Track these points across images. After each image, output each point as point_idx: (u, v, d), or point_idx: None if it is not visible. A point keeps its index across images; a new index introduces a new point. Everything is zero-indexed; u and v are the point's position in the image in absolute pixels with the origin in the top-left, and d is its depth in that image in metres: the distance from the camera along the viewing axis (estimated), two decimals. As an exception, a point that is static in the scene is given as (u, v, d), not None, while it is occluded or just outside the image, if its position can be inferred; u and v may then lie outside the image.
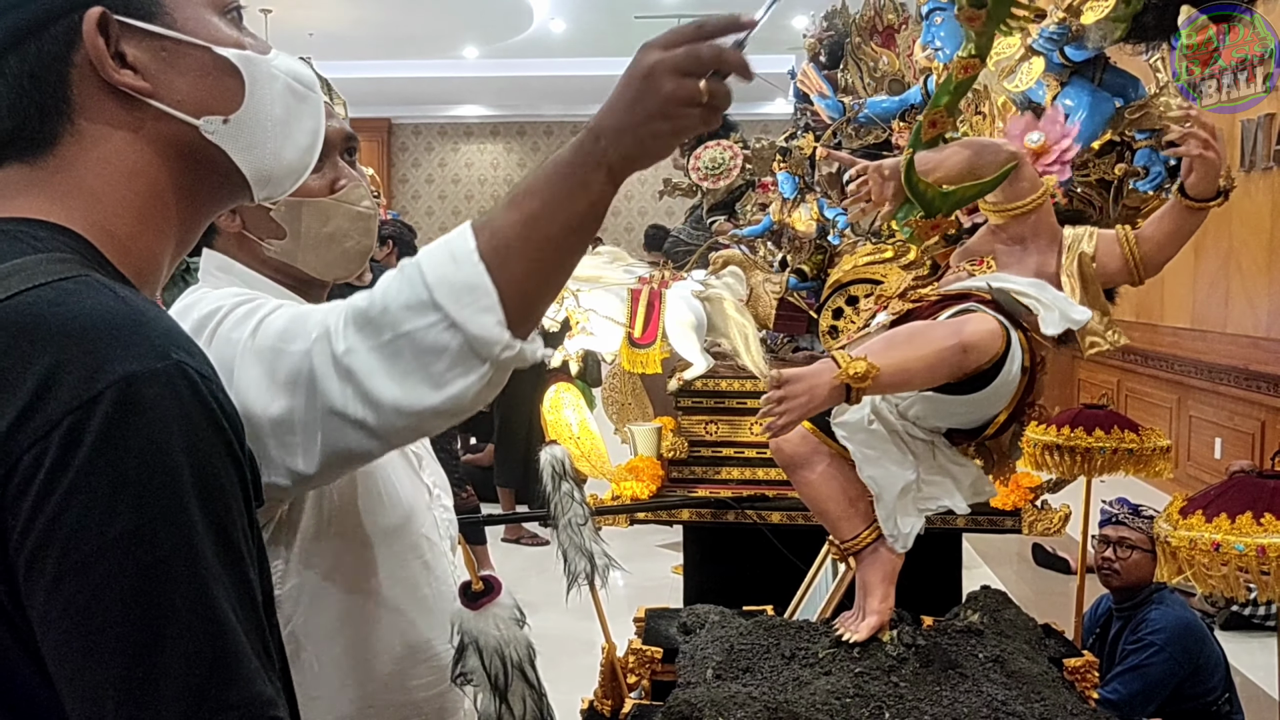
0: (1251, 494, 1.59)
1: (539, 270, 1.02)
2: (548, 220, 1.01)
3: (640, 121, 0.99)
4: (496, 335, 1.00)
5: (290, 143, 0.99)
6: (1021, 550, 6.27)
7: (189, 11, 0.90)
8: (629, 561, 2.10)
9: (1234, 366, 6.94)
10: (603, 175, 1.01)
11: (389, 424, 1.03)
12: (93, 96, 0.86)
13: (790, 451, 1.77)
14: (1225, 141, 6.50)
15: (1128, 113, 2.36)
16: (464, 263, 1.00)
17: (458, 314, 0.99)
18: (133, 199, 0.88)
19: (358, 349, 1.02)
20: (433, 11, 11.61)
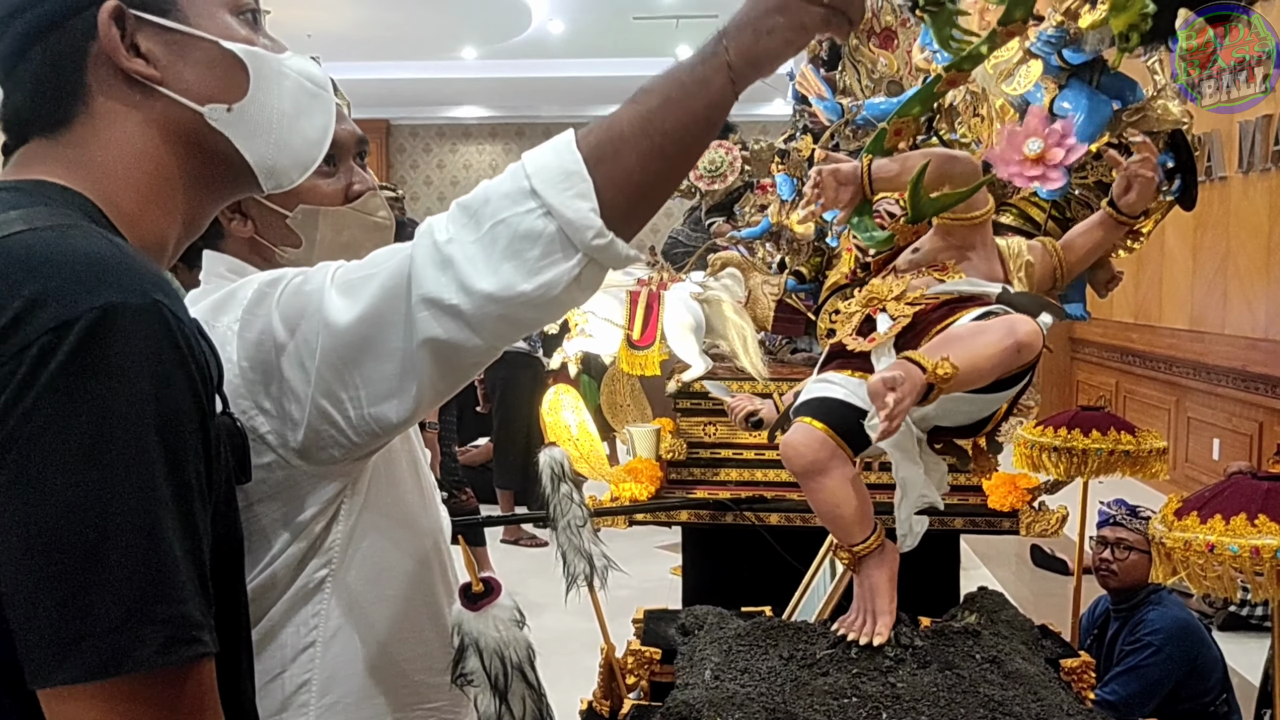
0: (1246, 495, 1.59)
1: (648, 164, 1.03)
2: (663, 115, 1.02)
3: (760, 14, 1.02)
4: (589, 221, 1.00)
5: (297, 135, 1.03)
6: (1020, 551, 6.28)
7: (201, 9, 0.97)
8: (627, 563, 2.10)
9: (1232, 368, 6.95)
10: (724, 75, 1.02)
11: (481, 310, 1.03)
12: (106, 82, 0.93)
13: (812, 457, 1.76)
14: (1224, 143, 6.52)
15: (1126, 115, 2.36)
16: (562, 152, 1.03)
17: (553, 199, 1.00)
18: (140, 177, 0.94)
19: (459, 239, 1.03)
20: (431, 12, 11.62)
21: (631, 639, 2.11)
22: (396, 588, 1.35)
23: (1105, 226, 2.08)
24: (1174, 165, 2.43)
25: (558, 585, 1.84)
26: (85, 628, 0.74)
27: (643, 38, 12.61)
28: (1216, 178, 6.94)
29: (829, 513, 1.79)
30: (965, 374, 1.65)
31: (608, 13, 11.80)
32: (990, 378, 1.72)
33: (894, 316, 1.88)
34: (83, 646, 0.74)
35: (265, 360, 1.12)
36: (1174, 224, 6.17)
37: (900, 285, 1.94)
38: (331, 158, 1.36)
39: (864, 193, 1.85)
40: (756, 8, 1.02)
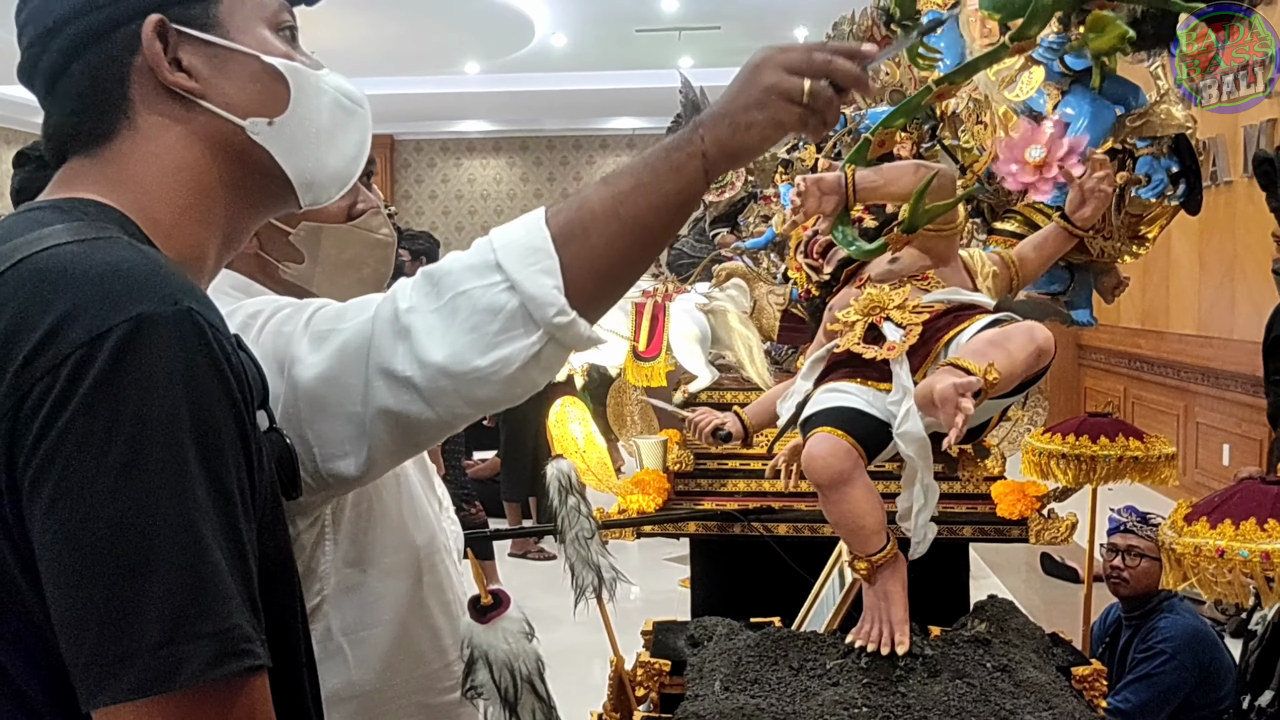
0: (1256, 500, 1.59)
1: (616, 246, 1.02)
2: (634, 199, 1.02)
3: (739, 108, 1.03)
4: (552, 298, 0.99)
5: (334, 151, 1.04)
6: (1030, 560, 6.26)
7: (242, 24, 0.98)
8: (636, 575, 2.10)
9: (1240, 373, 6.93)
10: (697, 162, 1.03)
11: (434, 384, 1.02)
12: (149, 96, 0.94)
13: (839, 468, 1.76)
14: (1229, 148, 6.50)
15: (1129, 121, 2.37)
16: (531, 228, 1.02)
17: (517, 273, 1.00)
18: (179, 190, 0.94)
19: (420, 307, 1.03)
20: (434, 28, 11.66)
21: (641, 651, 2.10)
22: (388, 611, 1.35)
23: (1058, 239, 2.10)
24: (1178, 170, 2.43)
25: (566, 598, 1.83)
26: (130, 645, 0.74)
27: (645, 50, 12.65)
28: (1222, 182, 6.93)
29: (851, 523, 1.78)
30: (1004, 379, 1.65)
31: (610, 25, 11.83)
32: (1018, 381, 1.73)
33: (901, 325, 1.88)
34: (128, 665, 0.73)
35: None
36: (1180, 229, 6.16)
37: (901, 294, 1.94)
38: None
39: (848, 202, 1.87)
40: (735, 101, 1.03)
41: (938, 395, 1.59)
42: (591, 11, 11.33)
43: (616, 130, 16.72)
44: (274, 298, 1.26)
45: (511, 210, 16.13)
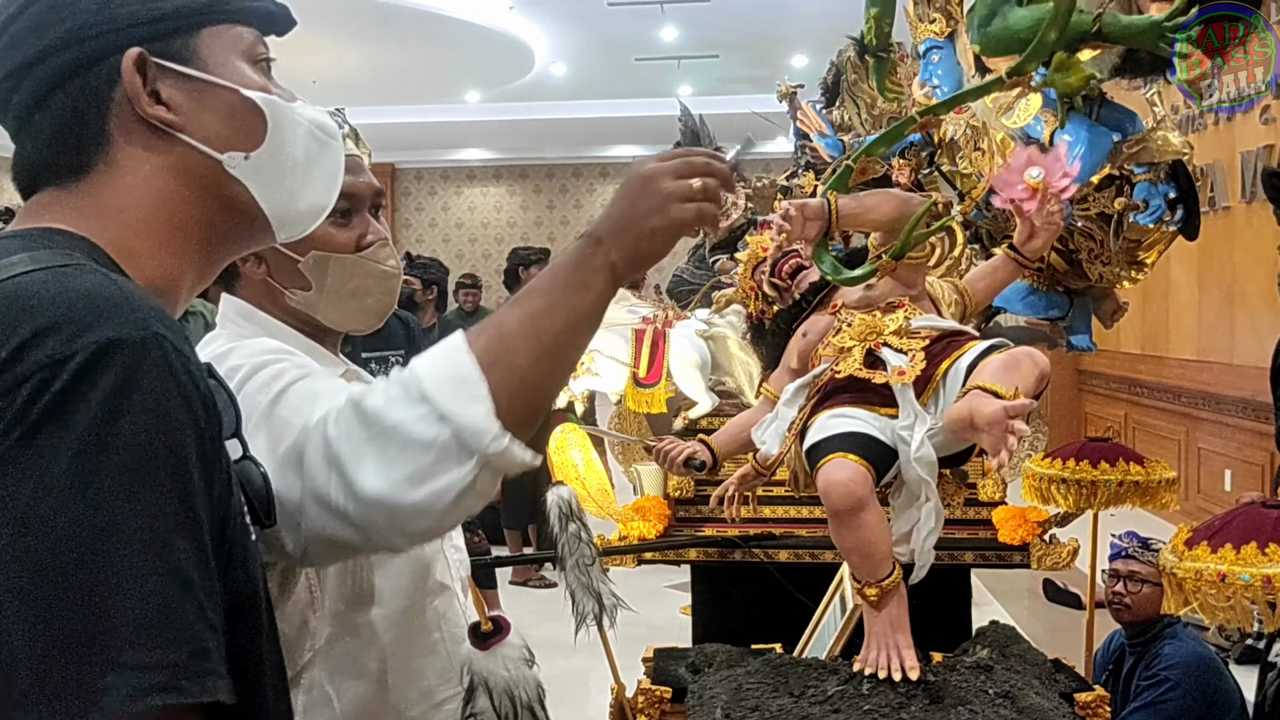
0: (1256, 524, 1.58)
1: (539, 364, 1.03)
2: (550, 316, 1.03)
3: (640, 218, 1.06)
4: (486, 425, 0.99)
5: (309, 184, 1.04)
6: (1033, 586, 6.23)
7: (220, 57, 0.98)
8: (637, 602, 2.10)
9: (1241, 398, 6.93)
10: (605, 275, 1.05)
11: (368, 517, 1.02)
12: (127, 129, 0.94)
13: (859, 494, 1.76)
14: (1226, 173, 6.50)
15: (1126, 147, 2.38)
16: (454, 357, 1.01)
17: (446, 404, 0.98)
18: (155, 222, 0.94)
19: (348, 438, 1.02)
20: (434, 57, 11.74)
21: (642, 678, 2.09)
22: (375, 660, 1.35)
23: (1007, 269, 2.13)
24: (1176, 195, 2.44)
25: (568, 625, 1.83)
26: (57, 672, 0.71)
27: (645, 79, 12.73)
28: (1220, 207, 6.95)
29: (865, 549, 1.78)
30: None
31: (610, 55, 11.92)
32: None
33: (902, 350, 1.89)
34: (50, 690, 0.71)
35: None
36: (1178, 254, 6.18)
37: (896, 320, 1.95)
38: (347, 210, 1.40)
39: (831, 228, 1.90)
40: (633, 212, 1.06)
41: (985, 419, 1.59)
42: (591, 41, 11.42)
43: (616, 158, 16.80)
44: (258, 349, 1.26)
45: (512, 238, 16.18)
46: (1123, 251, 2.50)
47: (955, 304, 2.09)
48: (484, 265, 16.38)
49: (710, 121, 5.48)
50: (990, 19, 2.10)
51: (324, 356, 1.41)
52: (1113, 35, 1.91)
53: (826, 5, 9.48)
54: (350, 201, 1.39)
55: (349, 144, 1.43)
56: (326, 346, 1.43)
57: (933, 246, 2.06)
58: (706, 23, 10.66)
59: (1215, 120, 7.02)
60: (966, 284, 2.14)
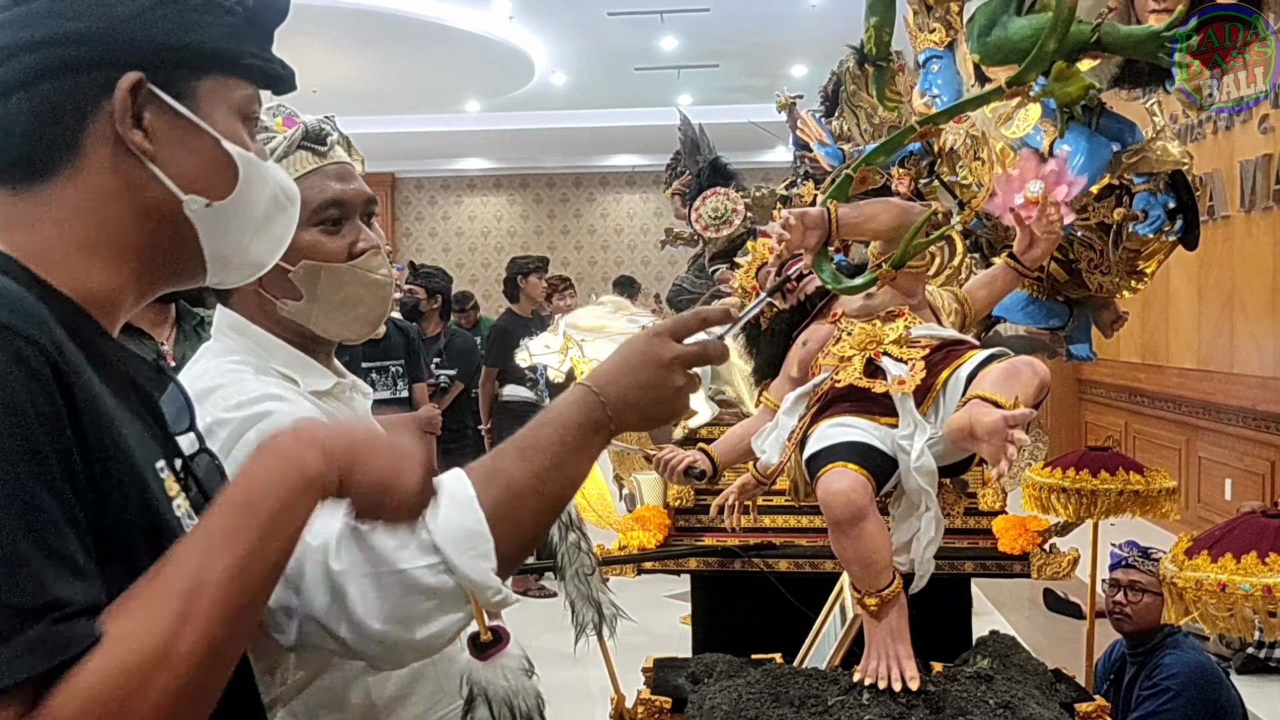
0: (1256, 533, 1.58)
1: (538, 520, 1.10)
2: (554, 476, 1.09)
3: (649, 403, 1.13)
4: (490, 580, 1.06)
5: (259, 242, 1.05)
6: (1033, 596, 6.22)
7: (215, 105, 0.98)
8: (636, 612, 2.09)
9: (1241, 407, 6.93)
10: (604, 438, 1.12)
11: (366, 648, 1.07)
12: (99, 144, 0.93)
13: (860, 503, 1.76)
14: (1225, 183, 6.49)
15: (1125, 157, 2.38)
16: (466, 510, 1.06)
17: (456, 557, 1.04)
18: (100, 239, 0.94)
19: (352, 572, 1.06)
20: (435, 67, 11.76)
21: (641, 688, 2.09)
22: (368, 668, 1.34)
23: (1006, 279, 2.14)
24: (1175, 205, 2.45)
25: (567, 635, 1.83)
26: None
27: (644, 88, 12.75)
28: (1219, 217, 6.96)
29: (866, 558, 1.78)
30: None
31: (609, 64, 11.94)
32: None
33: (902, 360, 1.89)
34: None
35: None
36: (1178, 263, 6.19)
37: (895, 329, 1.96)
38: (339, 218, 1.39)
39: (831, 237, 1.91)
40: (643, 397, 1.12)
41: (985, 428, 1.59)
42: (591, 50, 11.44)
43: (616, 167, 16.82)
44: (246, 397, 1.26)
45: (512, 247, 16.19)
46: (1122, 261, 2.50)
47: (955, 313, 2.09)
48: (484, 274, 16.39)
49: (710, 131, 5.48)
50: (989, 29, 2.10)
51: (314, 369, 1.40)
52: (1112, 45, 1.91)
53: (825, 15, 9.51)
54: (341, 209, 1.39)
55: (339, 151, 1.43)
56: (319, 357, 1.42)
57: (932, 255, 2.07)
58: (706, 33, 10.68)
59: (1214, 130, 7.04)
60: (966, 293, 2.14)
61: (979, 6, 2.08)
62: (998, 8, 1.98)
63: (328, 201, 1.37)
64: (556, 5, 9.87)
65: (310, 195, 1.35)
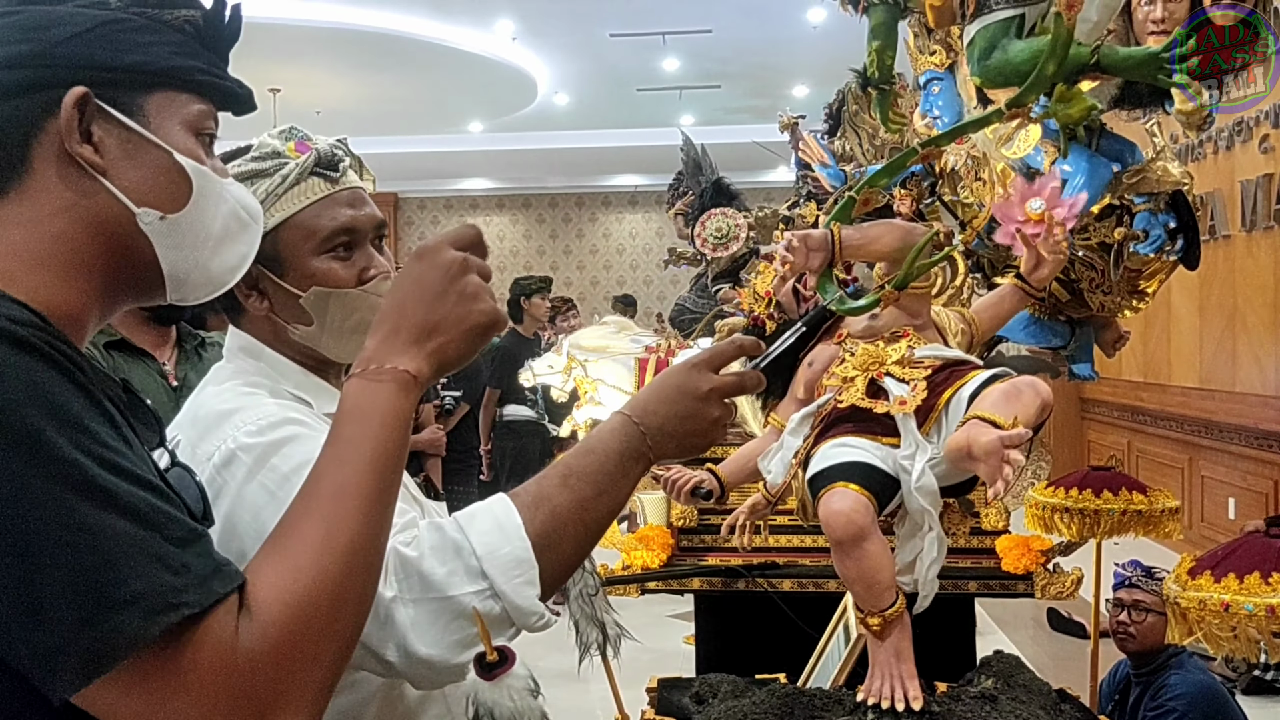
0: (1259, 553, 1.58)
1: (580, 548, 1.13)
2: (596, 505, 1.13)
3: (687, 434, 1.17)
4: (536, 607, 1.10)
5: (218, 258, 1.04)
6: (1037, 615, 6.21)
7: (165, 120, 0.98)
8: (640, 632, 2.09)
9: (1244, 426, 6.92)
10: (644, 466, 1.16)
11: (412, 671, 1.11)
12: (48, 162, 0.94)
13: (861, 523, 1.76)
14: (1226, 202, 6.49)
15: (1126, 177, 2.39)
16: (513, 538, 1.10)
17: (503, 585, 1.08)
18: (56, 256, 0.94)
19: (403, 599, 1.09)
20: (438, 88, 11.82)
21: (646, 708, 2.09)
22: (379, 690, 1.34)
23: (1014, 299, 2.15)
24: (1176, 225, 2.46)
25: (572, 655, 1.83)
26: (54, 636, 0.75)
27: (647, 109, 12.80)
28: (1220, 236, 6.97)
29: (869, 579, 1.78)
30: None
31: (612, 85, 11.99)
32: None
33: (904, 380, 1.90)
34: (62, 655, 0.75)
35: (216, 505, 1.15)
36: (1180, 283, 6.19)
37: (899, 350, 1.96)
38: (349, 244, 1.39)
39: (835, 259, 1.92)
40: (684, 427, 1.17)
41: (981, 448, 1.59)
42: (593, 71, 11.49)
43: (619, 187, 16.87)
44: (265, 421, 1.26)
45: (515, 267, 16.22)
46: (1124, 281, 2.51)
47: (962, 333, 2.10)
48: (486, 294, 16.40)
49: (712, 151, 5.51)
50: (990, 51, 2.12)
51: (326, 391, 1.40)
52: (1111, 67, 1.93)
53: (826, 37, 9.55)
54: (352, 235, 1.38)
55: (351, 175, 1.43)
56: (330, 380, 1.43)
57: (936, 276, 2.07)
58: (708, 54, 10.74)
59: (1215, 150, 7.06)
60: (973, 314, 2.14)
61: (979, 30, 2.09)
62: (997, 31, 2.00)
63: (340, 229, 1.37)
64: (559, 27, 9.92)
65: (322, 223, 1.35)
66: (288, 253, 1.35)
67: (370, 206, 1.43)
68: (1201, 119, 2.14)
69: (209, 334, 2.82)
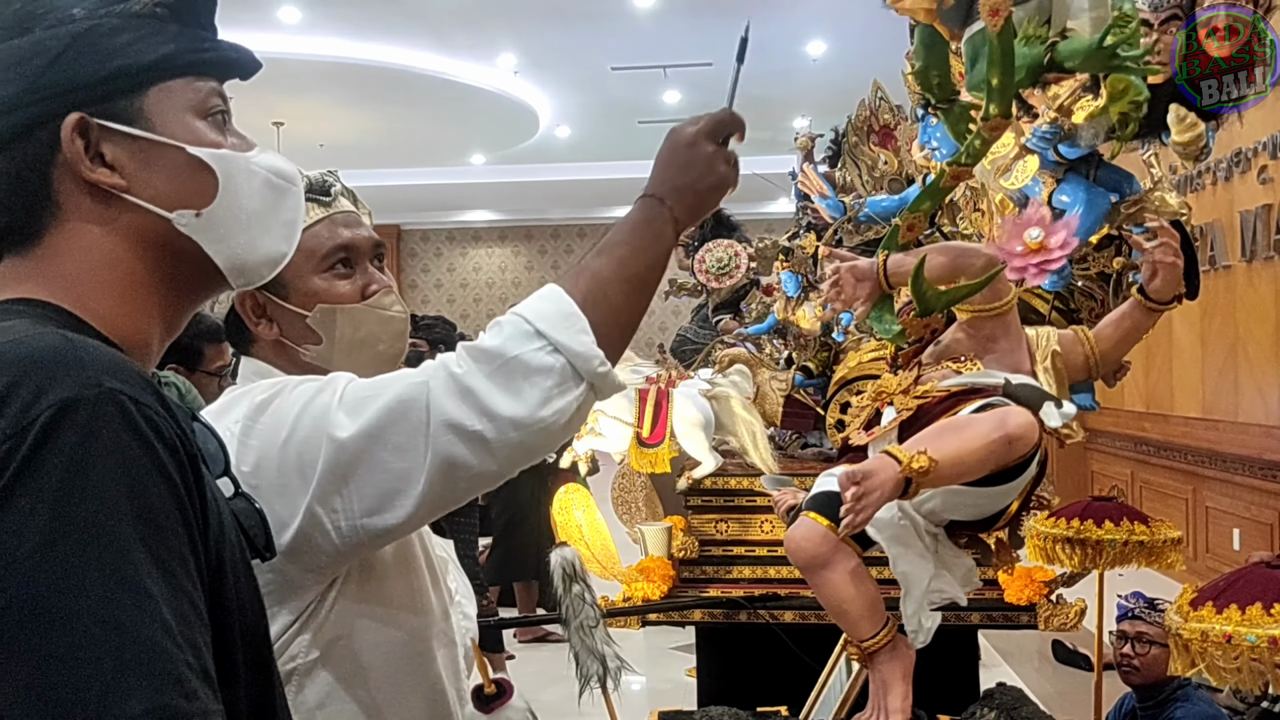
0: (1261, 584, 1.57)
1: (628, 301, 1.20)
2: (635, 260, 1.21)
3: (695, 179, 1.24)
4: (594, 352, 1.14)
5: (266, 233, 1.03)
6: (1042, 647, 6.16)
7: (169, 115, 0.96)
8: (641, 664, 2.08)
9: (1248, 456, 6.90)
10: (672, 227, 1.23)
11: (504, 436, 1.13)
12: (73, 193, 0.92)
13: (813, 551, 1.76)
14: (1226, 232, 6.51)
15: (1124, 207, 2.40)
16: (557, 300, 1.16)
17: (559, 336, 1.13)
18: (112, 284, 0.94)
19: (474, 372, 1.13)
20: (440, 121, 11.89)
21: (646, 742, 2.07)
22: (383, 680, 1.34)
23: (1136, 313, 2.08)
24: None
25: (571, 687, 1.82)
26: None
27: (647, 141, 12.84)
28: (1221, 266, 6.98)
29: (835, 607, 1.79)
30: (949, 467, 1.65)
31: (613, 117, 12.06)
32: (981, 470, 1.72)
33: (899, 410, 1.89)
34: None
35: (262, 463, 1.17)
36: (1181, 312, 6.17)
37: (908, 379, 1.95)
38: (349, 261, 1.42)
39: (883, 288, 1.88)
40: (689, 175, 1.24)
41: (838, 481, 1.62)
42: (595, 104, 11.57)
43: (620, 218, 16.92)
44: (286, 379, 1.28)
45: (517, 298, 16.01)
46: (1123, 311, 2.51)
47: (1053, 355, 2.02)
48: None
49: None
50: (974, 63, 2.10)
51: None
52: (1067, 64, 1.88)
53: (826, 69, 9.63)
54: (350, 253, 1.42)
55: (344, 201, 1.45)
56: None
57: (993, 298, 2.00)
58: (708, 86, 10.79)
59: (1214, 180, 7.08)
60: (1095, 332, 2.08)
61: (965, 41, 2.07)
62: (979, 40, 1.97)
63: (338, 247, 1.41)
64: (561, 60, 10.00)
65: (319, 242, 1.39)
66: (290, 275, 1.36)
67: (366, 228, 1.47)
68: (1198, 149, 2.15)
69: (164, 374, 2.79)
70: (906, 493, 1.63)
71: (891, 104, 3.50)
